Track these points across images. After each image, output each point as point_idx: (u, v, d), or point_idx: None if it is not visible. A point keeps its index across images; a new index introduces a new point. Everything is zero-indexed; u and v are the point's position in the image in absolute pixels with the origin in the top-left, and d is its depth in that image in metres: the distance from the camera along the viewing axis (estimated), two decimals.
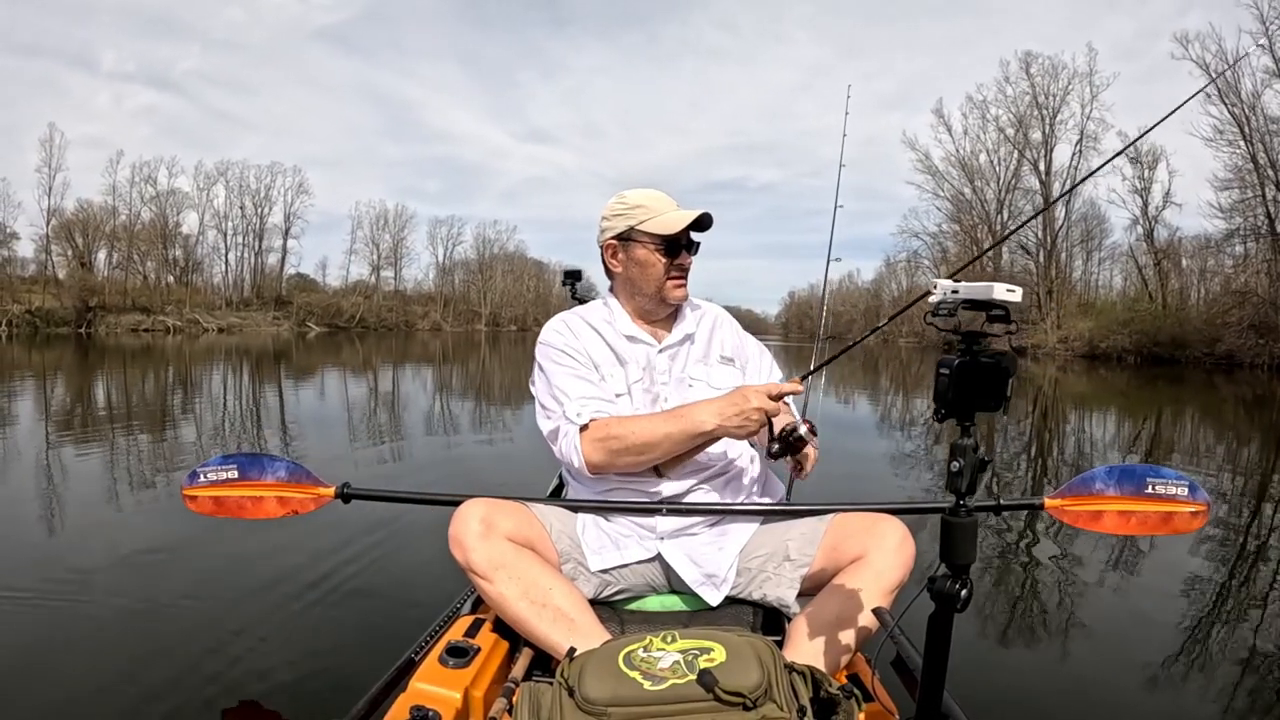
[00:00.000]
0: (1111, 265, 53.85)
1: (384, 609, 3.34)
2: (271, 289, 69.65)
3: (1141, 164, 43.12)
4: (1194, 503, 2.04)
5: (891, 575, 1.76)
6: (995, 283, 1.28)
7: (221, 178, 67.42)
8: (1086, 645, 3.10)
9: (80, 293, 51.34)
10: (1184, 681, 2.79)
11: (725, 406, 1.82)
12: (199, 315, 58.52)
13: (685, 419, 1.84)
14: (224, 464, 2.27)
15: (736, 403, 1.81)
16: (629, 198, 2.07)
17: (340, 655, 2.86)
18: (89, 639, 3.00)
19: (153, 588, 3.52)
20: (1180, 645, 3.06)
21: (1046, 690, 2.71)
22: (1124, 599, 3.61)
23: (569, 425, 1.93)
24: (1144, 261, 44.97)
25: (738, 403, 1.80)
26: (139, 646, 2.91)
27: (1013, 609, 3.51)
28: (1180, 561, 4.11)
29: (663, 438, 1.85)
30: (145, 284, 60.51)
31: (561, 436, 1.96)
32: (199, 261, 67.27)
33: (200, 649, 2.88)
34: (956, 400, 1.27)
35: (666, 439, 1.85)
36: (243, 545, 4.05)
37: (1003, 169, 52.52)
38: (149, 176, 61.70)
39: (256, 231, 70.19)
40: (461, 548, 1.77)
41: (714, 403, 1.85)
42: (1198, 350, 32.79)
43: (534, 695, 1.38)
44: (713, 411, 1.82)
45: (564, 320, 2.15)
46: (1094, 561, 4.09)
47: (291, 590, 3.49)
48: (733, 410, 1.80)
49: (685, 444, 1.88)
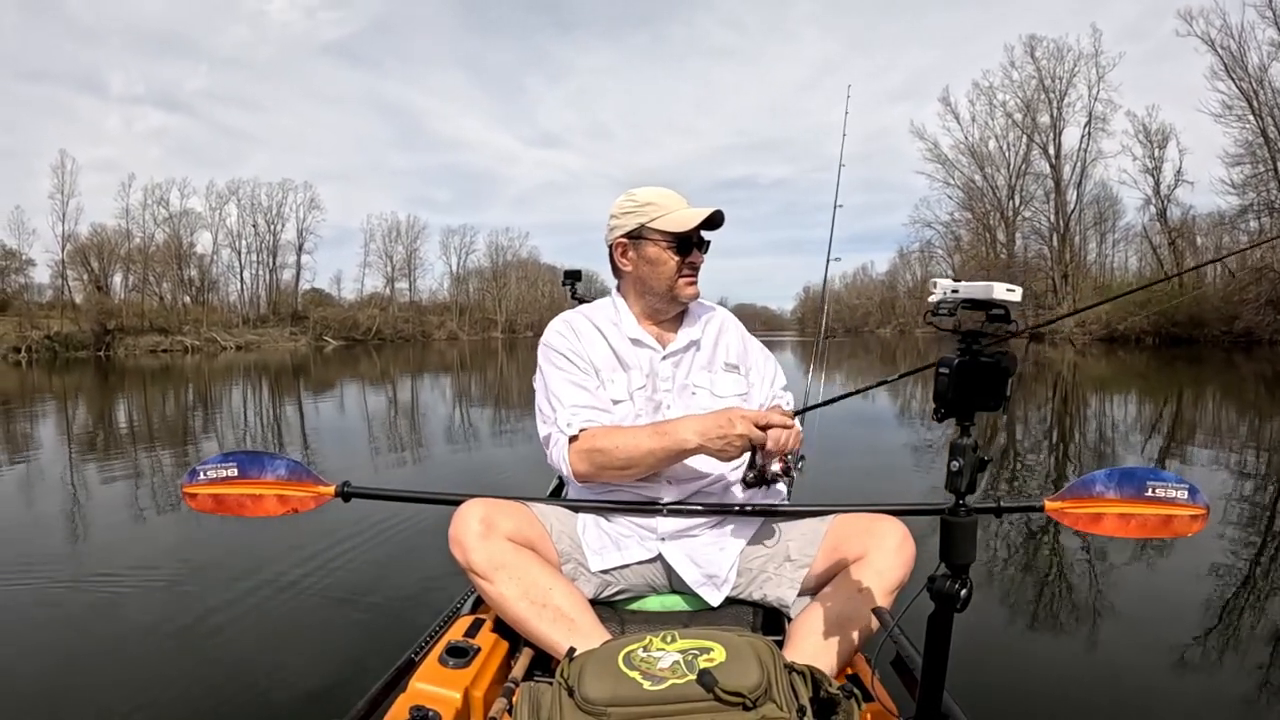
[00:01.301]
0: (1126, 246, 53.70)
1: (384, 609, 3.37)
2: (287, 305, 70.18)
3: (1151, 143, 42.88)
4: (1194, 506, 2.03)
5: (891, 575, 1.76)
6: (995, 282, 1.28)
7: (233, 196, 68.24)
8: (1087, 645, 3.09)
9: (98, 316, 51.82)
10: (1185, 681, 2.78)
11: (710, 427, 1.80)
12: (216, 334, 58.95)
13: (669, 436, 1.84)
14: (224, 462, 2.25)
15: (721, 425, 1.79)
16: (639, 195, 2.05)
17: (340, 655, 2.88)
18: (89, 639, 3.05)
19: (152, 588, 3.58)
20: (1181, 646, 3.03)
21: (1046, 690, 2.71)
22: (1125, 599, 3.57)
23: (559, 435, 1.93)
24: (1158, 241, 44.66)
25: (722, 425, 1.79)
26: (139, 646, 2.96)
27: (1014, 609, 3.49)
28: (1182, 561, 4.07)
29: (645, 454, 1.85)
30: (162, 305, 61.15)
31: (553, 444, 1.96)
32: (214, 280, 68.07)
33: (200, 649, 2.92)
34: (956, 400, 1.27)
35: (649, 455, 1.85)
36: (243, 546, 4.11)
37: (1012, 154, 52.40)
38: (161, 198, 62.57)
39: (270, 248, 71.02)
40: (461, 548, 1.77)
41: (699, 421, 1.84)
42: (1216, 329, 32.56)
43: (534, 695, 1.38)
44: (696, 431, 1.81)
45: (568, 321, 2.13)
46: (1095, 562, 4.07)
47: (292, 590, 3.53)
48: (716, 432, 1.79)
49: (668, 461, 1.89)
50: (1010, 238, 53.48)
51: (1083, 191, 49.21)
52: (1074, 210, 49.40)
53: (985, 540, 4.31)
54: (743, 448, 1.80)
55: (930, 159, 54.69)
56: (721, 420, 1.80)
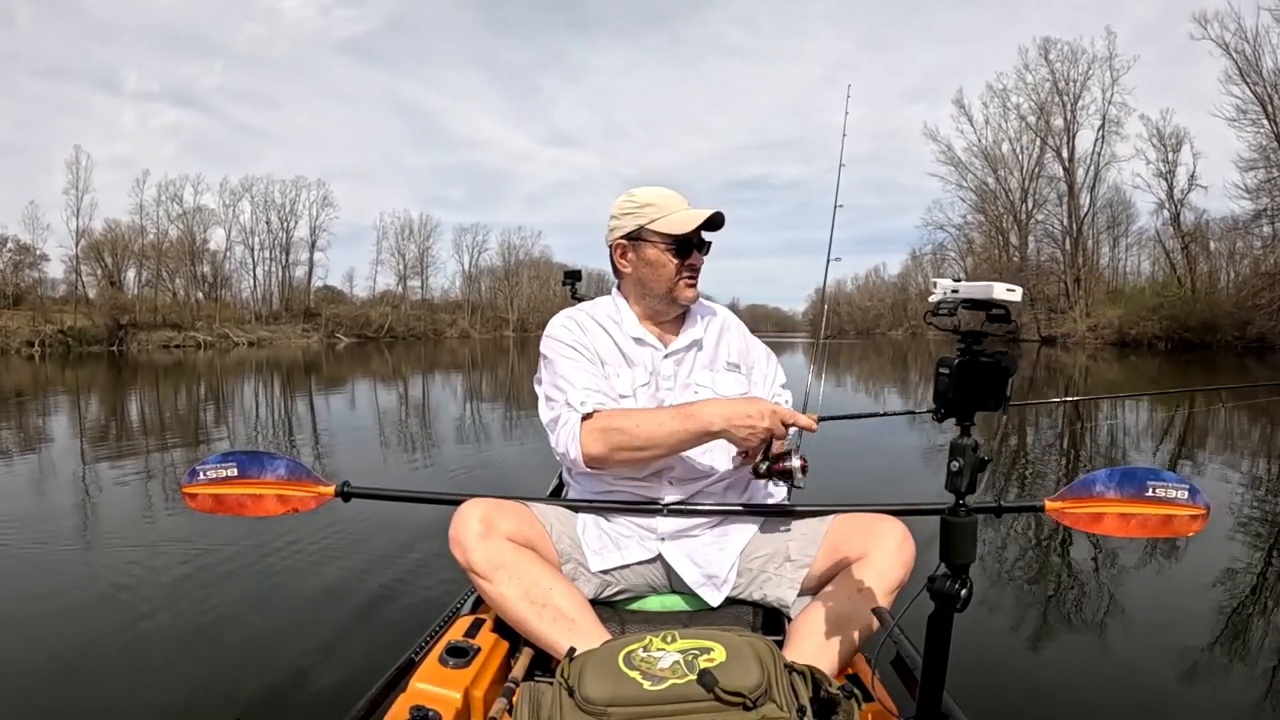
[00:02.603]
0: (1139, 251, 53.30)
1: (384, 609, 3.37)
2: (300, 302, 70.29)
3: (1165, 147, 42.64)
4: (1194, 506, 2.03)
5: (891, 575, 1.75)
6: (995, 282, 1.27)
7: (247, 193, 68.15)
8: (1087, 645, 3.09)
9: (111, 311, 51.94)
10: (1185, 682, 2.76)
11: (736, 413, 1.78)
12: (229, 330, 59.07)
13: (694, 419, 1.80)
14: (223, 462, 2.25)
15: (749, 414, 1.77)
16: (638, 196, 2.01)
17: (340, 655, 2.89)
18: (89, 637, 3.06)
19: (152, 589, 3.58)
20: (1182, 647, 3.03)
21: (1047, 690, 2.71)
22: (1125, 600, 3.56)
23: (570, 413, 1.89)
24: (1171, 246, 44.33)
25: (750, 414, 1.77)
26: (139, 646, 2.97)
27: (1014, 609, 3.48)
28: (1184, 563, 4.06)
29: (667, 435, 1.81)
30: (175, 300, 61.28)
31: (561, 425, 1.91)
32: (227, 277, 68.00)
33: (200, 649, 2.93)
34: (956, 400, 1.27)
35: (671, 436, 1.81)
36: (243, 546, 4.11)
37: (1025, 157, 52.10)
38: (175, 195, 62.54)
39: (283, 245, 70.93)
40: (462, 548, 1.77)
41: (727, 405, 1.81)
42: (1229, 334, 32.38)
43: (534, 695, 1.39)
44: (723, 415, 1.78)
45: (572, 317, 2.11)
46: (1096, 563, 4.06)
47: (292, 590, 3.54)
48: (743, 419, 1.77)
49: (688, 444, 1.85)
50: (1023, 241, 53.28)
51: (1096, 195, 49.03)
52: (1087, 214, 49.16)
53: (986, 540, 4.31)
54: (763, 439, 1.80)
55: (943, 161, 54.51)
56: (750, 409, 1.78)
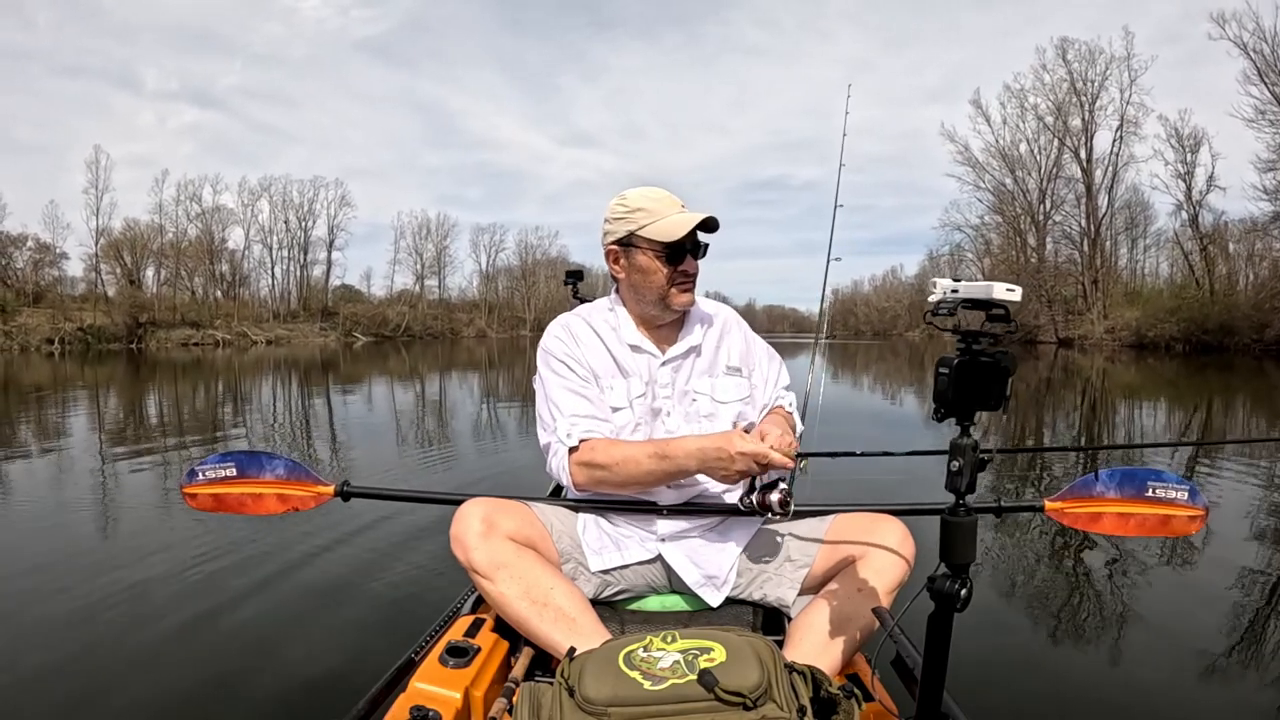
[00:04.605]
0: (1157, 252, 52.93)
1: (384, 609, 3.38)
2: (318, 300, 70.60)
3: (1184, 147, 42.27)
4: (1193, 507, 2.03)
5: (891, 575, 1.75)
6: (995, 282, 1.27)
7: (265, 193, 68.57)
8: (1087, 646, 3.08)
9: (130, 309, 52.37)
10: (1185, 683, 2.75)
11: (708, 455, 1.76)
12: (247, 328, 59.43)
13: (669, 460, 1.80)
14: (222, 462, 2.27)
15: (720, 457, 1.74)
16: (629, 199, 1.96)
17: (340, 655, 2.89)
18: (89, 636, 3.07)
19: (157, 586, 3.61)
20: (1183, 647, 3.01)
21: (1046, 690, 2.69)
22: (1125, 601, 3.54)
23: (559, 445, 1.91)
24: (1189, 247, 43.92)
25: (721, 457, 1.74)
26: (138, 646, 2.97)
27: (1014, 609, 3.48)
28: (1185, 565, 4.04)
29: (645, 474, 1.84)
30: (194, 299, 61.70)
31: (552, 454, 1.94)
32: (245, 275, 68.38)
33: (200, 649, 2.94)
34: (956, 400, 1.27)
35: (649, 476, 1.84)
36: (243, 546, 4.13)
37: (1043, 158, 51.76)
38: (194, 194, 63.06)
39: (301, 244, 71.27)
40: (463, 547, 1.77)
41: (698, 444, 1.79)
42: (1247, 336, 32.09)
43: (534, 695, 1.39)
44: (696, 457, 1.77)
45: (566, 325, 2.09)
46: (1097, 563, 4.04)
47: (292, 590, 3.55)
48: (715, 460, 1.75)
49: (666, 481, 1.88)
50: (1040, 242, 52.94)
51: (1114, 196, 48.64)
52: (1105, 215, 48.77)
53: (986, 540, 4.29)
54: (738, 477, 1.78)
55: (961, 162, 54.24)
56: (720, 451, 1.74)
